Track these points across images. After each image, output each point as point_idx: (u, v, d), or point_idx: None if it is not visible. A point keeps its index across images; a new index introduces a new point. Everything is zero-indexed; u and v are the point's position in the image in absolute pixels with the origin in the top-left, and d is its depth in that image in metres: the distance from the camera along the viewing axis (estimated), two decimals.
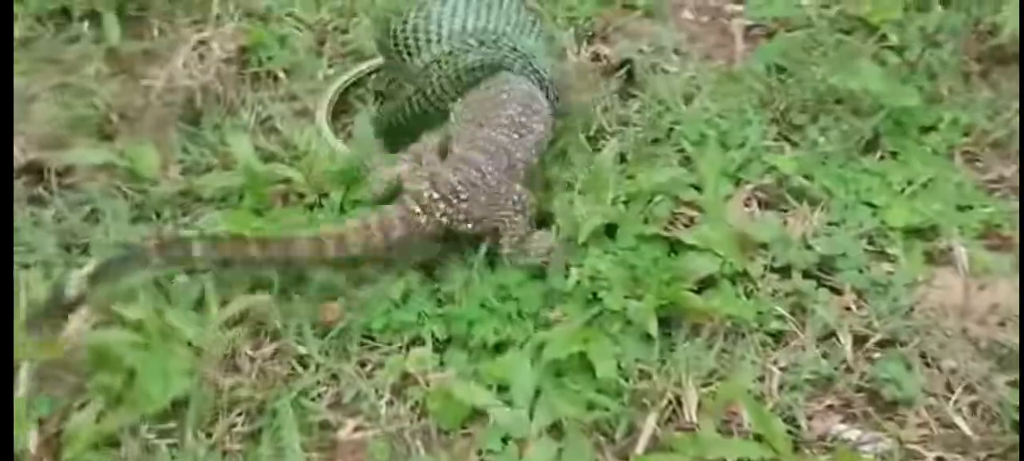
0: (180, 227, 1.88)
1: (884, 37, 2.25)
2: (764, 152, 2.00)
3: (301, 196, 1.94)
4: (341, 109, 2.20)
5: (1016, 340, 1.67)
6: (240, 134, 2.03)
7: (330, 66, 2.27)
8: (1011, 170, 1.98)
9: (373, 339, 1.72)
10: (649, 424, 1.56)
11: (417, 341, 1.71)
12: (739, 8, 2.42)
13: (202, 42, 2.23)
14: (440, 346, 1.70)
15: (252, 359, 1.68)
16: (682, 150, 2.02)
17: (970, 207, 1.90)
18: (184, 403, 1.59)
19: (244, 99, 2.17)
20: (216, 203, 1.94)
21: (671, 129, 2.06)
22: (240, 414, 1.61)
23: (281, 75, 2.25)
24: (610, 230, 1.84)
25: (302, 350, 1.69)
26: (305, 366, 1.68)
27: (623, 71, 2.19)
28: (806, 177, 1.94)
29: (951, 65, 2.14)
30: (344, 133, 2.12)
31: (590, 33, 2.32)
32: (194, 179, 1.97)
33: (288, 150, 2.04)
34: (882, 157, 2.00)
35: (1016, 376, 1.63)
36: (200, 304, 1.71)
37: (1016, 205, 1.92)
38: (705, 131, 2.04)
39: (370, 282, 1.77)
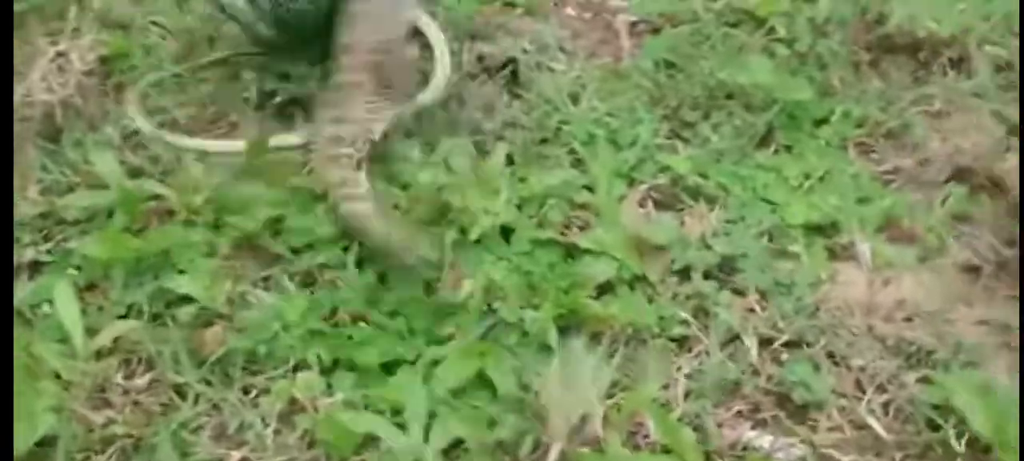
0: (42, 252, 1.75)
1: (772, 30, 2.20)
2: (656, 151, 1.94)
3: (171, 213, 1.81)
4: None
5: (923, 336, 1.63)
6: (105, 150, 1.91)
7: (203, 81, 2.13)
8: (906, 161, 1.95)
9: (257, 363, 1.60)
10: (556, 443, 1.47)
11: (303, 365, 1.60)
12: (623, 4, 2.36)
13: (60, 54, 2.09)
14: (327, 369, 1.60)
15: (125, 392, 1.57)
16: (573, 151, 1.95)
17: (868, 200, 1.86)
18: (52, 443, 1.47)
19: (108, 113, 2.04)
20: (81, 225, 1.80)
21: (559, 129, 1.99)
22: (114, 452, 1.50)
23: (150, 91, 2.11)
24: (504, 233, 1.76)
25: (179, 379, 1.57)
26: (183, 396, 1.56)
27: (507, 71, 2.10)
28: (701, 175, 1.89)
29: (841, 56, 2.11)
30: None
31: (471, 33, 2.21)
32: (56, 200, 1.84)
33: (156, 165, 1.92)
34: (776, 151, 1.96)
35: (926, 372, 1.60)
36: (67, 334, 1.58)
37: (914, 197, 1.90)
38: (594, 131, 1.97)
39: (250, 304, 1.66)
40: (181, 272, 1.70)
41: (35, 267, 1.76)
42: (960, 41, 2.14)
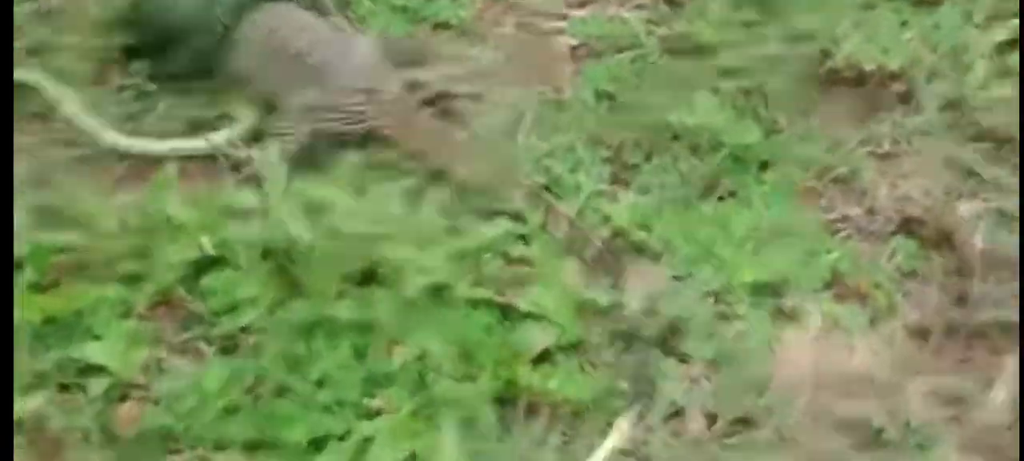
0: None
1: (717, 59, 2.11)
2: (597, 199, 1.85)
3: (85, 265, 1.70)
4: None
5: (874, 411, 1.58)
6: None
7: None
8: (854, 209, 1.89)
9: (174, 441, 1.51)
10: None
11: (224, 443, 1.51)
12: (562, 25, 2.26)
13: None
14: (250, 447, 1.51)
15: None
16: None
17: (815, 253, 1.80)
18: None
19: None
20: None
21: None
22: None
23: (55, 116, 1.99)
24: (437, 290, 1.68)
25: None
26: None
27: (441, 104, 2.01)
28: (644, 228, 1.80)
29: (787, 91, 2.02)
30: None
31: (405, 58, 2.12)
32: None
33: (65, 207, 1.81)
34: (721, 198, 1.89)
35: (877, 454, 1.55)
36: None
37: (862, 247, 1.84)
38: (533, 174, 1.88)
39: (167, 372, 1.56)
40: (95, 337, 1.59)
41: None
42: (908, 74, 2.06)
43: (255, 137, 1.93)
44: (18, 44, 2.05)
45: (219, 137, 1.92)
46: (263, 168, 1.83)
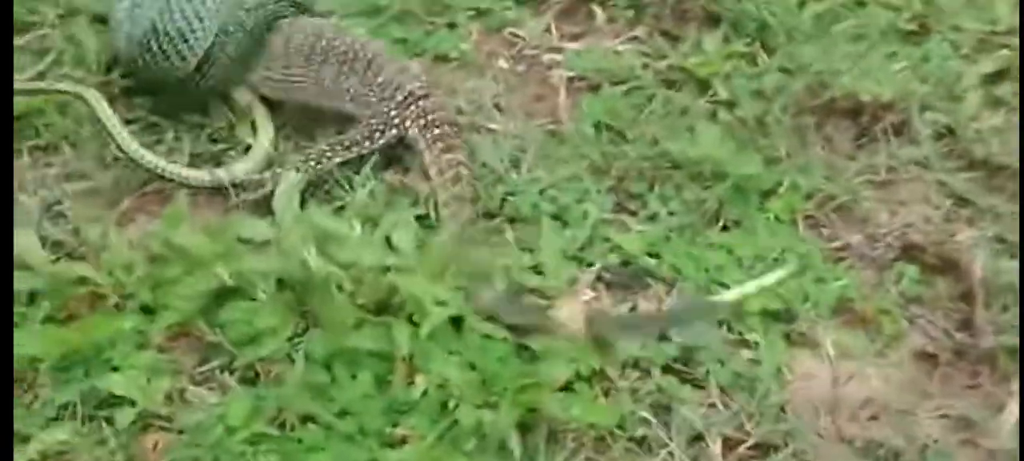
0: None
1: (713, 92, 2.15)
2: (605, 227, 1.87)
3: (101, 297, 1.70)
4: None
5: (891, 435, 1.61)
6: (23, 226, 1.79)
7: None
8: (856, 237, 1.93)
9: None
10: None
11: None
12: (558, 57, 2.29)
13: None
14: None
15: None
16: (516, 224, 1.89)
17: (822, 281, 1.82)
18: None
19: (22, 181, 1.91)
20: None
21: (504, 201, 1.92)
22: None
23: (66, 148, 1.99)
24: (454, 322, 1.68)
25: None
26: None
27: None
28: (652, 255, 1.83)
29: (784, 122, 2.06)
30: None
31: None
32: None
33: (78, 238, 1.81)
34: (726, 227, 1.92)
35: None
36: None
37: (866, 274, 1.88)
38: (540, 203, 1.91)
39: (190, 403, 1.57)
40: (115, 369, 1.59)
41: None
42: (901, 105, 2.11)
43: (268, 164, 1.94)
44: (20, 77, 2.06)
45: (240, 168, 1.92)
46: (279, 199, 1.83)
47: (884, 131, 2.10)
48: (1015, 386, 1.68)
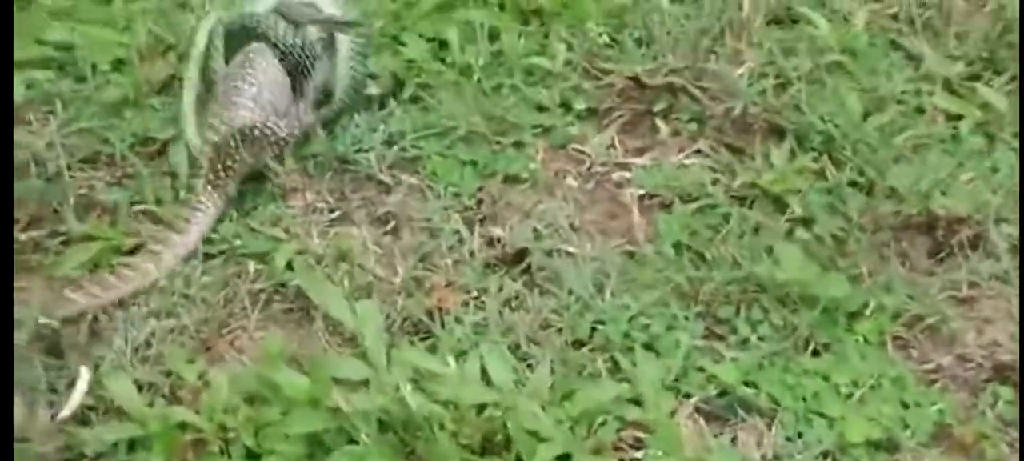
0: None
1: (787, 207, 2.15)
2: (699, 356, 1.87)
3: (204, 443, 1.70)
4: None
5: None
6: (117, 371, 1.79)
7: (203, 273, 2.01)
8: (946, 358, 1.92)
9: None
10: None
11: None
12: (627, 175, 2.30)
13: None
14: None
15: None
16: (612, 356, 1.88)
17: (918, 406, 1.82)
18: None
19: (111, 317, 1.91)
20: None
21: (594, 330, 1.92)
22: None
23: None
24: (562, 459, 1.69)
25: None
26: None
27: (523, 264, 2.04)
28: (748, 384, 1.83)
29: (862, 240, 2.06)
30: None
31: (481, 217, 2.14)
32: (73, 431, 1.71)
33: (172, 379, 1.80)
34: (817, 352, 1.91)
35: None
36: None
37: (959, 396, 1.88)
38: (632, 332, 1.91)
39: None
40: None
41: None
42: (975, 218, 2.11)
43: None
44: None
45: None
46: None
47: (960, 244, 2.10)
48: None
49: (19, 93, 2.32)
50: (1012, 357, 1.89)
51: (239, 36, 2.28)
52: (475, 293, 1.99)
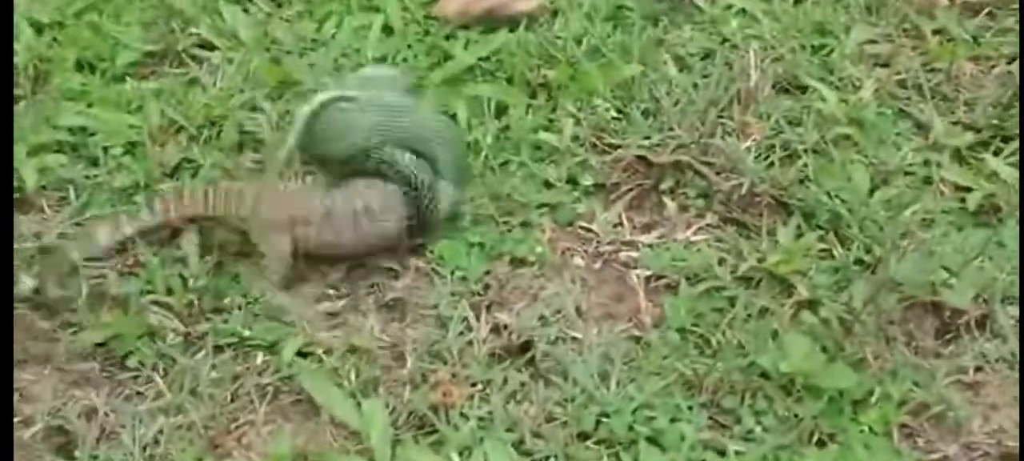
0: None
1: (793, 289, 2.15)
2: (703, 450, 1.88)
3: None
4: None
5: None
6: None
7: (213, 368, 2.03)
8: (952, 447, 1.93)
9: None
10: None
11: None
12: (635, 254, 2.30)
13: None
14: None
15: None
16: (615, 448, 1.88)
17: None
18: None
19: (117, 411, 1.93)
20: None
21: (598, 423, 1.93)
22: None
23: (156, 377, 2.01)
24: None
25: None
26: None
27: (529, 353, 2.05)
28: None
29: (868, 324, 2.06)
30: None
31: (487, 302, 2.15)
32: None
33: None
34: (821, 442, 1.91)
35: None
36: None
37: None
38: (636, 425, 1.92)
39: None
40: None
41: None
42: (982, 296, 2.11)
43: None
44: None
45: None
46: None
47: (967, 326, 2.09)
48: None
49: (32, 179, 2.32)
50: (1017, 445, 1.88)
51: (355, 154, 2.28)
52: (480, 385, 1.99)
